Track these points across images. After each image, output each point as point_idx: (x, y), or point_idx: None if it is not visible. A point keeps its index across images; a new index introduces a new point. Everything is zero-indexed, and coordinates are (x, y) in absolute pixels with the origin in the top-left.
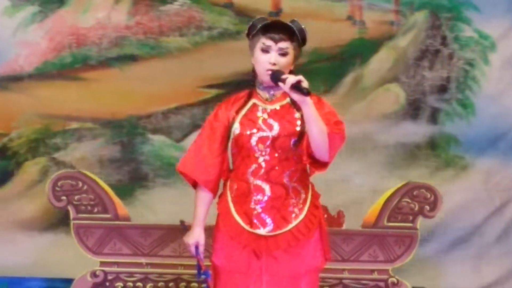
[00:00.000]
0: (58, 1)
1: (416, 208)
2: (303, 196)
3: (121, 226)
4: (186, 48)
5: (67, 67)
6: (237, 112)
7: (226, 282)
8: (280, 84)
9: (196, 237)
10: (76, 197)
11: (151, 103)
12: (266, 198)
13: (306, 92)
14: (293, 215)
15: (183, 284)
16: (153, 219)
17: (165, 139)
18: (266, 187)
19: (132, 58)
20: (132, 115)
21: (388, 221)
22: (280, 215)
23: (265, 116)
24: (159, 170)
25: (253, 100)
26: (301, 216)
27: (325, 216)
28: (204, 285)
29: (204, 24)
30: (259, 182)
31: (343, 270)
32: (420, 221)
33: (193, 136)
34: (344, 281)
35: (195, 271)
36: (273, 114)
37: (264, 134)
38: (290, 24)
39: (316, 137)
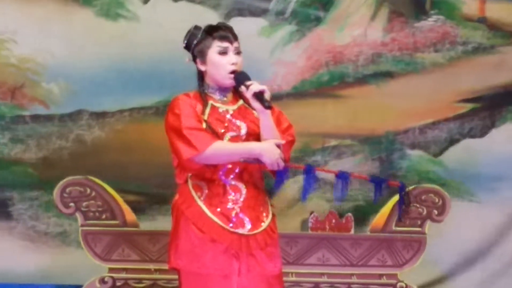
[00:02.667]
0: (315, 20)
1: (424, 213)
2: (265, 195)
3: (129, 232)
4: (441, 63)
5: (325, 85)
6: (202, 112)
7: (205, 286)
8: (243, 87)
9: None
10: (84, 204)
11: (407, 118)
12: (243, 197)
13: (267, 105)
14: (264, 214)
15: None
16: None
17: (423, 154)
18: (242, 187)
19: (388, 75)
20: (390, 131)
21: (396, 225)
22: (255, 215)
23: (229, 116)
24: (417, 185)
25: (210, 102)
26: (270, 215)
27: (333, 221)
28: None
29: (458, 39)
30: (234, 182)
31: (352, 275)
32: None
33: (451, 151)
34: (352, 286)
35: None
36: (237, 114)
37: (235, 134)
38: (229, 25)
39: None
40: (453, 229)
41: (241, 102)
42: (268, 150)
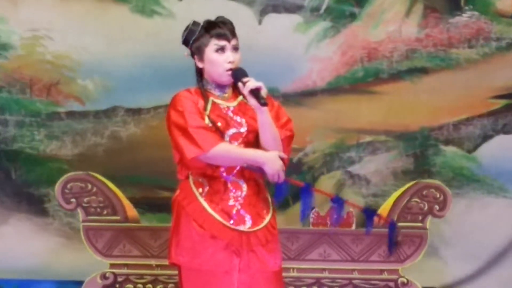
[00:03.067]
0: (350, 16)
1: (426, 208)
2: (266, 192)
3: (130, 228)
4: (475, 59)
5: (359, 81)
6: (203, 108)
7: (206, 283)
8: (239, 84)
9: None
10: (85, 199)
11: (441, 114)
12: (243, 194)
13: (262, 102)
14: (265, 210)
15: None
16: (447, 229)
17: (457, 150)
18: (243, 184)
19: (422, 71)
20: (424, 127)
21: (398, 220)
22: (256, 211)
23: (230, 113)
24: (452, 181)
25: (211, 98)
26: (271, 211)
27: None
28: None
29: (492, 35)
30: (235, 179)
31: (353, 270)
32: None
33: (485, 147)
34: (354, 281)
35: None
36: (237, 111)
37: (236, 130)
38: (228, 20)
39: (269, 143)
40: (487, 225)
41: (240, 98)
42: (271, 160)
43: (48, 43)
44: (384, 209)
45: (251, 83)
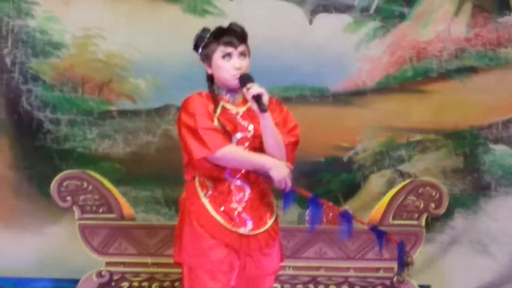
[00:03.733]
0: (399, 16)
1: (422, 206)
2: (271, 196)
3: (126, 226)
4: None
5: (408, 80)
6: (213, 111)
7: (207, 282)
8: (244, 89)
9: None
10: (81, 198)
11: (491, 113)
12: (246, 198)
13: (262, 109)
14: (268, 214)
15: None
16: (496, 227)
17: (507, 148)
18: (247, 187)
19: (471, 70)
20: (473, 126)
21: (394, 219)
22: (258, 215)
23: (239, 118)
24: (501, 179)
25: (221, 103)
26: (274, 216)
27: (331, 214)
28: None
29: None
30: (239, 182)
31: (349, 268)
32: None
33: None
34: (349, 279)
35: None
36: (246, 116)
37: (243, 135)
38: (239, 26)
39: (272, 148)
40: None
41: (249, 103)
42: (278, 166)
43: (100, 42)
44: (380, 207)
45: (254, 89)
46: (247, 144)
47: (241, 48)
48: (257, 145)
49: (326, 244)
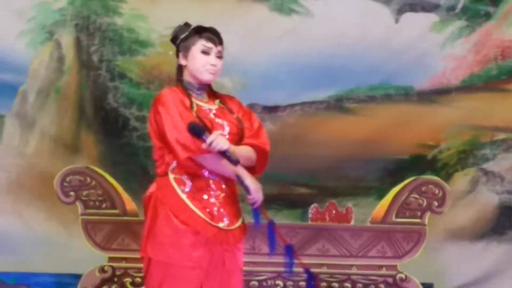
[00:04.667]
0: (485, 15)
1: (424, 204)
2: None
3: (129, 222)
4: None
5: (493, 79)
6: (190, 106)
7: (181, 278)
8: (203, 145)
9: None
10: (84, 193)
11: None
12: (223, 194)
13: (235, 162)
14: (239, 212)
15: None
16: None
17: None
18: (223, 184)
19: None
20: None
21: (397, 216)
22: (232, 211)
23: (212, 115)
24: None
25: (192, 99)
26: (242, 215)
27: (334, 212)
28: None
29: None
30: (217, 179)
31: (352, 266)
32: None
33: None
34: (352, 277)
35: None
36: (218, 113)
37: (219, 132)
38: (217, 31)
39: (245, 164)
40: None
41: (218, 101)
42: (258, 186)
43: None
44: (382, 205)
45: (216, 144)
46: None
47: (220, 48)
48: (234, 143)
49: (329, 241)
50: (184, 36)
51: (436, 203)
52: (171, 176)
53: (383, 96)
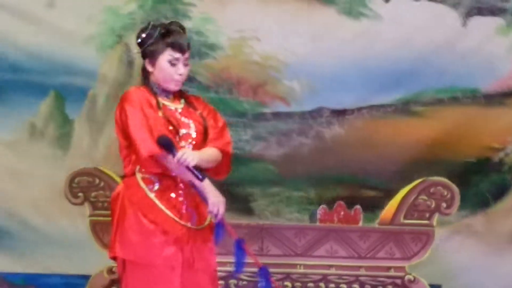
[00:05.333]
0: None
1: (433, 205)
2: None
3: None
4: None
5: None
6: (156, 106)
7: (152, 278)
8: (174, 159)
9: None
10: (92, 194)
11: None
12: (190, 193)
13: (202, 178)
14: (206, 211)
15: None
16: None
17: None
18: (191, 183)
19: None
20: None
21: (405, 218)
22: (200, 211)
23: (178, 114)
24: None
25: (158, 98)
26: (209, 216)
27: (342, 213)
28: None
29: None
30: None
31: (360, 267)
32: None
33: None
34: (360, 278)
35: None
36: (184, 112)
37: (186, 131)
38: (184, 29)
39: (209, 166)
40: None
41: (183, 101)
42: (215, 192)
43: (255, 44)
44: (391, 206)
45: (184, 159)
46: (189, 140)
47: (187, 55)
48: (199, 141)
49: (337, 242)
50: (151, 42)
51: (444, 205)
52: (139, 176)
53: (450, 99)
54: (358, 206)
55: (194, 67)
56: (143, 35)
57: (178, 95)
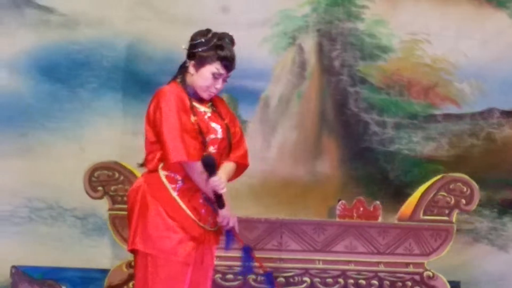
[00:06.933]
0: None
1: (452, 202)
2: None
3: None
4: None
5: None
6: (190, 107)
7: (169, 272)
8: (209, 180)
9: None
10: (112, 188)
11: None
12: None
13: (221, 206)
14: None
15: (219, 275)
16: None
17: None
18: (204, 194)
19: None
20: None
21: (424, 214)
22: (213, 214)
23: (207, 118)
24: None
25: (191, 100)
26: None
27: (361, 209)
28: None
29: None
30: None
31: (379, 263)
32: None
33: None
34: (379, 274)
35: (234, 263)
36: (213, 117)
37: (214, 136)
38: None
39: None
40: None
41: (210, 104)
42: (228, 209)
43: (426, 47)
44: (410, 202)
45: (219, 187)
46: (216, 145)
47: (230, 73)
48: (224, 146)
49: (356, 238)
50: (204, 50)
51: (464, 201)
52: (163, 173)
53: None
54: (377, 202)
55: (366, 69)
56: (201, 40)
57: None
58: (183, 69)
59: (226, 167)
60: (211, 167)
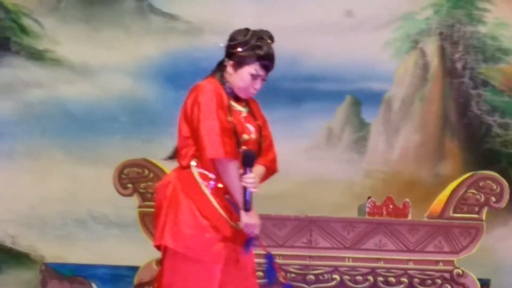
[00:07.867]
0: None
1: (482, 199)
2: None
3: None
4: None
5: None
6: (228, 105)
7: (198, 271)
8: (244, 177)
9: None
10: (142, 185)
11: None
12: None
13: (247, 208)
14: None
15: None
16: None
17: None
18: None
19: None
20: None
21: (454, 212)
22: None
23: (242, 118)
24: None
25: (230, 101)
26: None
27: (391, 206)
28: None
29: None
30: None
31: (408, 260)
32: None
33: None
34: (409, 271)
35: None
36: (248, 118)
37: (247, 137)
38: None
39: None
40: None
41: (245, 104)
42: (252, 214)
43: None
44: (440, 200)
45: (249, 184)
46: (248, 147)
47: (268, 74)
48: (255, 148)
49: (386, 236)
50: (244, 50)
51: (494, 199)
52: (196, 170)
53: None
54: (407, 200)
55: (488, 72)
56: (240, 40)
57: (244, 99)
58: (221, 66)
59: (257, 170)
60: (250, 159)
